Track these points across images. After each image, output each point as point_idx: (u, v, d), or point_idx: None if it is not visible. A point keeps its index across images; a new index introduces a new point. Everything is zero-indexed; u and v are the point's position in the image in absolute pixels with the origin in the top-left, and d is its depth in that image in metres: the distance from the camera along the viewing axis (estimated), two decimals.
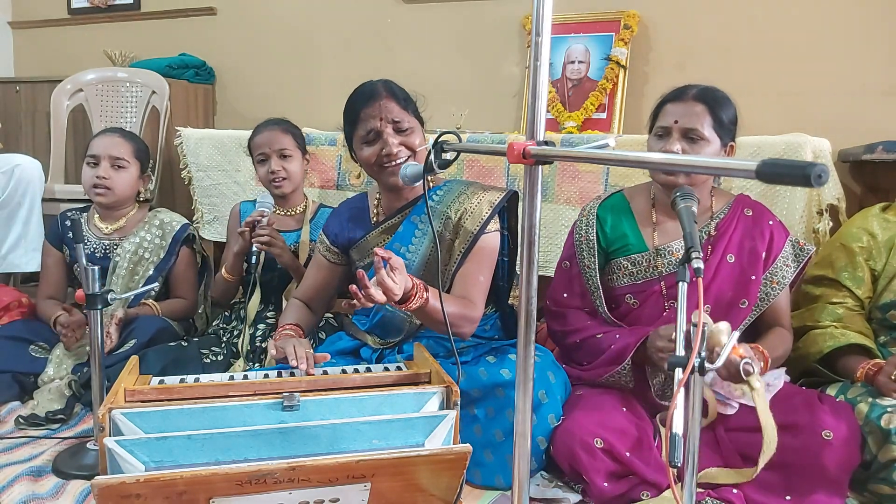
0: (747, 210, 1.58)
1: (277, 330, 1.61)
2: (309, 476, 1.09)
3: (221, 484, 1.06)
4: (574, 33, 2.59)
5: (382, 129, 1.51)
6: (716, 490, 1.34)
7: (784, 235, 1.57)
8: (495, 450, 1.40)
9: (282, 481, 1.08)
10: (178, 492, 1.05)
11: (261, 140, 1.99)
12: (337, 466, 1.10)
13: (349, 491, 1.14)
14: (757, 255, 1.53)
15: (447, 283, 1.54)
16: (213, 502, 1.08)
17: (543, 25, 0.87)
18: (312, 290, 1.75)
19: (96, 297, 1.39)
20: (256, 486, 1.07)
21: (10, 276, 2.51)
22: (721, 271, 1.52)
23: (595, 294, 1.61)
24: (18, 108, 3.09)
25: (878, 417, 1.33)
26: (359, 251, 1.67)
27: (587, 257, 1.62)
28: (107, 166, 1.99)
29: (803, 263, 1.59)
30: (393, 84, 1.57)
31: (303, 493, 1.11)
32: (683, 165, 1.16)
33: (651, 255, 1.57)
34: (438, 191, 1.60)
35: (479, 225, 1.51)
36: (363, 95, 1.54)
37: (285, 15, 3.12)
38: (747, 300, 1.52)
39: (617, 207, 1.65)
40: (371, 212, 1.69)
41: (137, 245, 2.04)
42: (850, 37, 2.28)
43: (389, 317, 1.61)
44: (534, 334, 0.95)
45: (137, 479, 1.03)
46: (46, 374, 1.83)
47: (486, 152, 1.53)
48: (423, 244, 1.56)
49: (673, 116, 1.50)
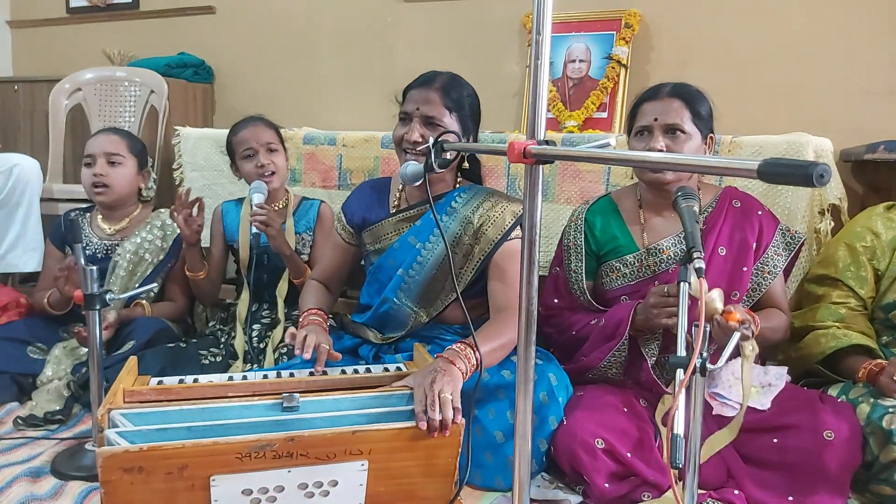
0: (735, 202, 1.59)
1: (302, 315, 1.60)
2: (307, 450, 1.11)
3: (222, 457, 1.08)
4: (575, 32, 2.59)
5: (414, 114, 1.53)
6: (717, 491, 1.34)
7: (774, 224, 1.58)
8: (496, 451, 1.40)
9: (281, 455, 1.10)
10: (179, 466, 1.07)
11: (246, 135, 1.98)
12: (334, 438, 1.12)
13: (347, 471, 1.15)
14: (748, 247, 1.53)
15: (460, 286, 1.55)
16: (214, 480, 1.10)
17: (544, 24, 0.87)
18: (329, 270, 1.76)
19: (95, 298, 1.38)
20: (256, 461, 1.10)
21: (9, 276, 2.50)
22: (713, 264, 1.52)
23: (582, 298, 1.62)
24: (17, 107, 3.09)
25: (880, 418, 1.33)
26: (371, 235, 1.66)
27: (574, 261, 1.63)
28: (103, 163, 1.99)
29: (795, 250, 1.59)
30: (452, 85, 1.56)
31: (302, 472, 1.13)
32: (684, 165, 1.16)
33: (642, 255, 1.57)
34: (463, 193, 1.60)
35: (502, 233, 1.53)
36: (420, 80, 1.57)
37: (285, 14, 3.11)
38: (738, 291, 1.53)
39: (605, 210, 1.66)
40: (392, 196, 1.68)
41: (138, 245, 2.03)
42: (852, 36, 2.28)
43: (395, 310, 1.61)
44: (534, 335, 0.95)
45: (141, 448, 1.06)
46: (45, 375, 1.83)
47: (487, 152, 1.53)
48: (440, 244, 1.56)
49: (652, 115, 1.52)
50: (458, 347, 1.33)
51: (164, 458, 1.07)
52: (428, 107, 1.52)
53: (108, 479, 1.05)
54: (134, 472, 1.06)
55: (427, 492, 1.23)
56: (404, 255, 1.60)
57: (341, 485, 1.16)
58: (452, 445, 1.20)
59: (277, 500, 1.14)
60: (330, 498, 1.16)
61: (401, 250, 1.61)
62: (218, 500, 1.11)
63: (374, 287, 1.67)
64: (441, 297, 1.60)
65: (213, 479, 1.09)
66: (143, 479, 1.07)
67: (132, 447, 1.05)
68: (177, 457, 1.07)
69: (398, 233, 1.62)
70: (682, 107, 1.51)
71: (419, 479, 1.21)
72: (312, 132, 2.43)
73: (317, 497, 1.16)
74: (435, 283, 1.59)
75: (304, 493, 1.15)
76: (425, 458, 1.19)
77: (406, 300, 1.60)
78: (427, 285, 1.58)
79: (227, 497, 1.11)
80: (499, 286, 1.53)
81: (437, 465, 1.21)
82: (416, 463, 1.19)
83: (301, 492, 1.15)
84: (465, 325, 1.59)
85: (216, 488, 1.10)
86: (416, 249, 1.58)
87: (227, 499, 1.11)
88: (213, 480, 1.09)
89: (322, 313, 1.61)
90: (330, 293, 1.75)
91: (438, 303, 1.60)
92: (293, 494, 1.14)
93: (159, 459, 1.06)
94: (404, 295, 1.60)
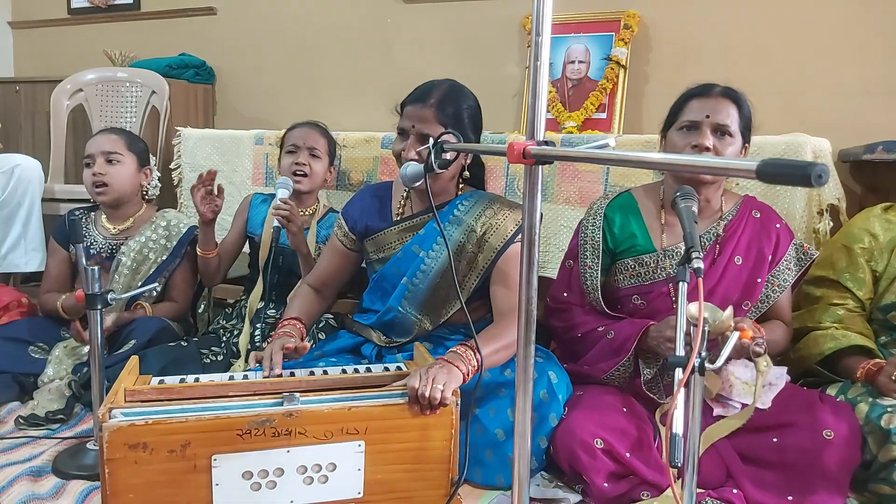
0: (755, 212, 1.58)
1: (279, 325, 1.60)
2: (305, 427, 1.15)
3: (223, 433, 1.12)
4: (574, 33, 2.59)
5: (410, 130, 1.53)
6: (716, 490, 1.34)
7: (789, 239, 1.57)
8: (496, 449, 1.40)
9: (280, 433, 1.14)
10: (182, 443, 1.11)
11: (298, 133, 2.03)
12: (331, 413, 1.17)
13: (345, 451, 1.18)
14: (764, 258, 1.53)
15: (465, 294, 1.56)
16: (215, 459, 1.13)
17: (543, 25, 0.87)
18: (325, 275, 1.74)
19: (96, 298, 1.39)
20: (256, 439, 1.14)
21: (10, 276, 2.51)
22: (728, 273, 1.52)
23: (593, 295, 1.60)
24: (18, 108, 3.09)
25: (879, 417, 1.33)
26: (374, 243, 1.66)
27: (590, 257, 1.61)
28: (101, 162, 1.99)
29: (805, 267, 1.59)
30: (449, 99, 1.53)
31: (300, 452, 1.16)
32: (684, 166, 1.16)
33: (659, 256, 1.56)
34: (465, 200, 1.60)
35: (504, 241, 1.53)
36: (415, 94, 1.56)
37: (285, 15, 3.12)
38: (749, 302, 1.52)
39: (625, 207, 1.63)
40: (395, 204, 1.68)
41: (142, 245, 2.03)
42: (851, 36, 2.28)
43: (401, 318, 1.61)
44: (534, 334, 0.95)
45: (146, 421, 1.10)
46: (46, 375, 1.83)
47: (486, 152, 1.53)
48: (444, 253, 1.56)
49: (703, 111, 1.49)
50: (459, 350, 1.34)
51: (169, 434, 1.10)
52: (423, 125, 1.50)
53: (112, 457, 1.09)
54: (138, 450, 1.09)
55: (424, 480, 1.25)
56: (408, 263, 1.60)
57: (340, 468, 1.18)
58: (445, 427, 1.23)
59: (277, 485, 1.16)
60: (329, 484, 1.18)
61: (404, 259, 1.61)
62: (219, 483, 1.13)
63: (378, 294, 1.67)
64: (446, 306, 1.61)
65: (214, 459, 1.12)
66: (147, 458, 1.10)
67: (138, 420, 1.09)
68: (180, 432, 1.11)
69: (402, 242, 1.62)
70: (734, 109, 1.49)
71: (415, 465, 1.23)
72: None
73: (316, 483, 1.17)
74: (439, 292, 1.59)
75: (304, 477, 1.17)
76: (419, 440, 1.22)
77: (410, 308, 1.60)
78: (431, 293, 1.59)
79: (228, 479, 1.14)
80: (501, 290, 1.53)
81: (432, 448, 1.23)
82: (411, 445, 1.22)
83: (300, 476, 1.16)
84: (468, 329, 1.59)
85: (217, 469, 1.13)
86: (420, 258, 1.58)
87: (228, 481, 1.14)
88: (214, 460, 1.12)
89: (298, 324, 1.57)
90: (322, 298, 1.73)
91: (443, 311, 1.61)
92: (293, 480, 1.16)
93: (163, 434, 1.10)
94: (408, 303, 1.60)
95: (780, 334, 1.55)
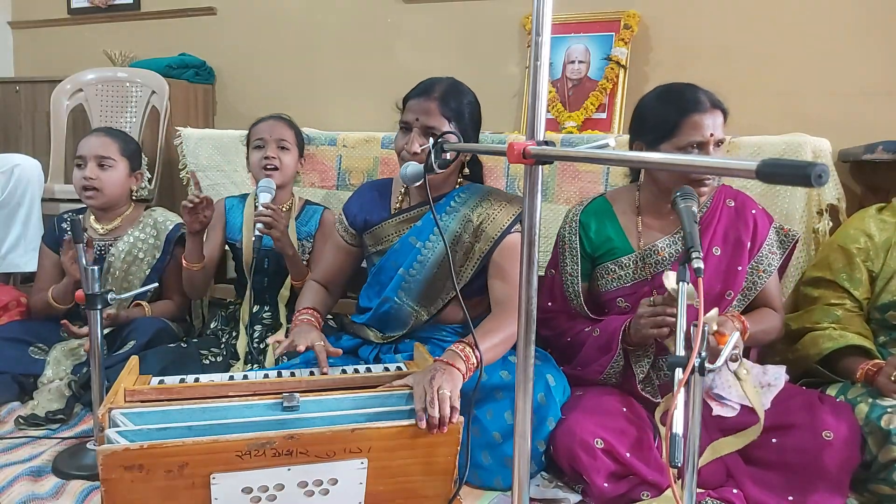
0: (729, 201, 1.58)
1: (295, 315, 1.60)
2: (307, 448, 1.12)
3: (222, 455, 1.09)
4: (574, 33, 2.59)
5: (413, 124, 1.54)
6: (716, 490, 1.34)
7: (768, 223, 1.57)
8: (494, 451, 1.40)
9: (280, 453, 1.11)
10: (179, 464, 1.08)
11: (263, 127, 2.00)
12: (333, 436, 1.13)
13: (347, 469, 1.16)
14: (742, 246, 1.53)
15: (461, 283, 1.56)
16: (214, 478, 1.10)
17: (543, 25, 0.87)
18: (330, 271, 1.75)
19: (96, 298, 1.39)
20: (256, 459, 1.11)
21: (10, 276, 2.50)
22: (708, 264, 1.51)
23: (576, 301, 1.61)
24: (18, 108, 3.09)
25: (879, 418, 1.33)
26: (373, 237, 1.67)
27: (570, 264, 1.62)
28: (93, 166, 1.98)
29: (790, 248, 1.59)
30: (452, 94, 1.55)
31: (301, 470, 1.14)
32: (684, 166, 1.16)
33: (638, 257, 1.56)
34: (462, 192, 1.61)
35: (501, 231, 1.54)
36: (418, 89, 1.57)
37: (285, 15, 3.12)
38: (732, 291, 1.52)
39: (599, 211, 1.63)
40: (394, 198, 1.69)
41: (131, 245, 2.03)
42: (851, 37, 2.28)
43: (396, 309, 1.62)
44: (533, 334, 0.95)
45: (141, 446, 1.06)
46: (45, 377, 1.83)
47: (486, 152, 1.53)
48: (441, 243, 1.57)
49: (706, 129, 1.43)
50: (457, 348, 1.34)
51: (165, 457, 1.07)
52: (427, 117, 1.52)
53: (108, 478, 1.06)
54: (134, 471, 1.06)
55: (426, 490, 1.24)
56: (405, 255, 1.61)
57: (341, 483, 1.17)
58: (451, 443, 1.21)
59: (277, 498, 1.14)
60: (330, 496, 1.17)
61: (401, 250, 1.62)
62: (218, 498, 1.11)
63: (375, 289, 1.67)
64: (441, 296, 1.61)
65: (213, 478, 1.10)
66: (144, 477, 1.07)
67: (132, 445, 1.06)
68: (177, 455, 1.07)
69: (399, 234, 1.63)
70: (721, 116, 1.46)
71: (418, 478, 1.22)
72: (313, 132, 2.43)
73: (317, 496, 1.16)
74: (436, 282, 1.59)
75: (304, 491, 1.15)
76: (424, 457, 1.20)
77: (407, 299, 1.61)
78: (428, 284, 1.59)
79: (228, 495, 1.12)
80: (498, 282, 1.54)
81: (437, 462, 1.21)
82: (416, 461, 1.20)
83: (301, 490, 1.15)
84: (465, 325, 1.60)
85: (216, 486, 1.11)
86: (417, 249, 1.59)
87: (228, 497, 1.12)
88: (213, 478, 1.10)
89: (315, 312, 1.62)
90: (329, 294, 1.75)
91: (439, 301, 1.61)
92: (293, 493, 1.15)
93: (159, 457, 1.07)
94: (405, 294, 1.60)
95: (769, 323, 1.54)
